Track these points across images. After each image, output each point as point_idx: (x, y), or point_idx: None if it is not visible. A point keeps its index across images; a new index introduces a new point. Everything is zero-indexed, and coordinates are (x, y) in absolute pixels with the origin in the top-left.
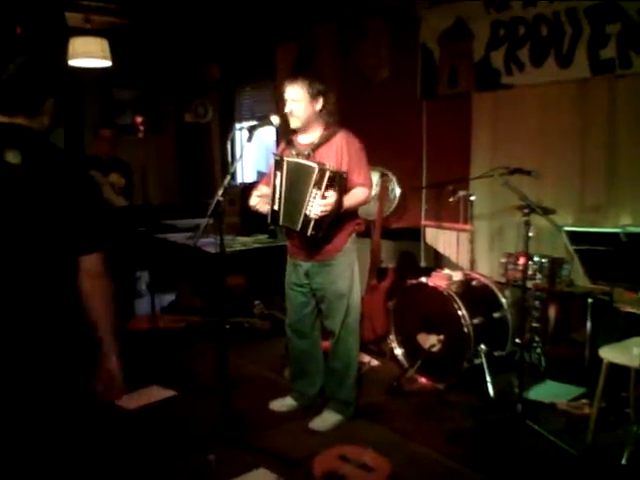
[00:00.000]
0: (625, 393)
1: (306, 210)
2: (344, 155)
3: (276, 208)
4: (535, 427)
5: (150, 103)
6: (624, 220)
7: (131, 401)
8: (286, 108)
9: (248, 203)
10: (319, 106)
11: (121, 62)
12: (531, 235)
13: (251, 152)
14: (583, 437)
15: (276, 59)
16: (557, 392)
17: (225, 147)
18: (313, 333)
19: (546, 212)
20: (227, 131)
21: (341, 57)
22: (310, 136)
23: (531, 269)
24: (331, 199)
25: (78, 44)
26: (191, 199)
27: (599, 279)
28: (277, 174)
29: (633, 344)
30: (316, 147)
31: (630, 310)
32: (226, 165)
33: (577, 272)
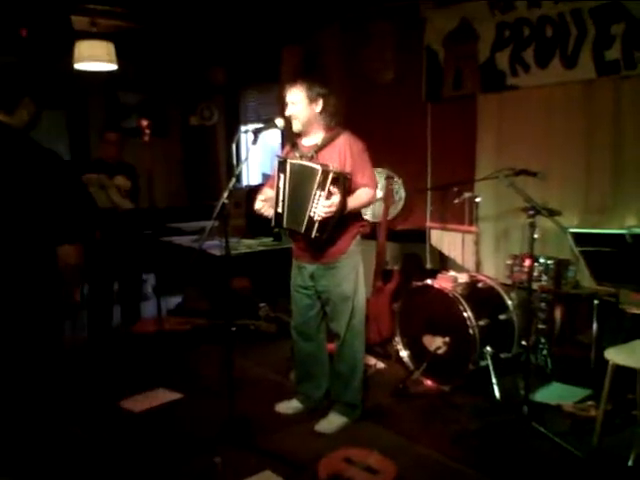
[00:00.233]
0: (631, 395)
1: (310, 212)
2: (347, 156)
3: (280, 210)
4: (541, 429)
5: (156, 106)
6: (630, 221)
7: (137, 404)
8: (286, 111)
9: (253, 207)
10: (319, 108)
11: (127, 66)
12: (536, 237)
13: (256, 155)
14: (589, 439)
15: (281, 62)
16: (563, 394)
17: (230, 150)
18: (319, 335)
19: (551, 213)
20: (232, 134)
21: (346, 60)
22: (313, 138)
23: (537, 271)
24: (335, 200)
25: (84, 48)
26: (197, 202)
27: (605, 280)
28: (280, 176)
29: (639, 346)
30: (319, 149)
31: (636, 312)
32: (231, 168)
33: (583, 273)
